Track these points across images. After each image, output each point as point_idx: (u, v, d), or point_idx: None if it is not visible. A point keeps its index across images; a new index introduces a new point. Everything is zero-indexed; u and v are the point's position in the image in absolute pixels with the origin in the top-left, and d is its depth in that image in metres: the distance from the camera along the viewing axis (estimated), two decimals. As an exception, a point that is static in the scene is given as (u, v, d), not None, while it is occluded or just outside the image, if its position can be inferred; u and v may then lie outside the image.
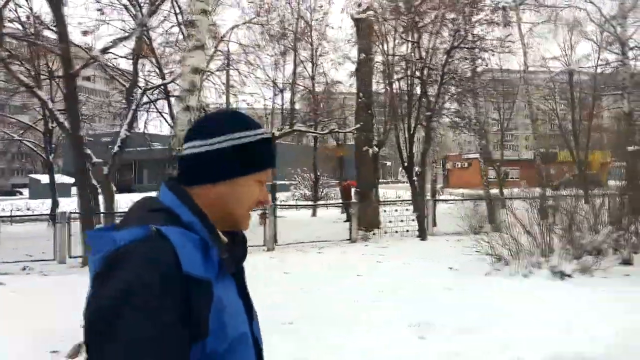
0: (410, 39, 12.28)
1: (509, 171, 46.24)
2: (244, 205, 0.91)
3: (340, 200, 18.41)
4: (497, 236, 7.24)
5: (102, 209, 11.63)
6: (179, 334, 0.73)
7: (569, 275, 6.25)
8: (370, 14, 12.10)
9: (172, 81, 13.96)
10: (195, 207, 0.85)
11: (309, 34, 18.72)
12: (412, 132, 16.07)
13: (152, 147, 18.25)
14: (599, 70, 21.64)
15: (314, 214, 18.91)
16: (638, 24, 18.70)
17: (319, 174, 20.74)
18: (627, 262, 7.23)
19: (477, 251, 7.00)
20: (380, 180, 20.53)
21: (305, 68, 19.31)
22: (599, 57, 21.34)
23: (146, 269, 0.72)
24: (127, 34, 10.48)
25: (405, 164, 16.34)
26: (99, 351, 0.70)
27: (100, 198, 11.94)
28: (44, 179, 28.97)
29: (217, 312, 0.78)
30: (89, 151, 13.48)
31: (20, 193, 46.16)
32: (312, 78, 19.00)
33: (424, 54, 12.21)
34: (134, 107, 12.61)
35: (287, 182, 28.45)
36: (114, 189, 14.27)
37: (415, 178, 14.32)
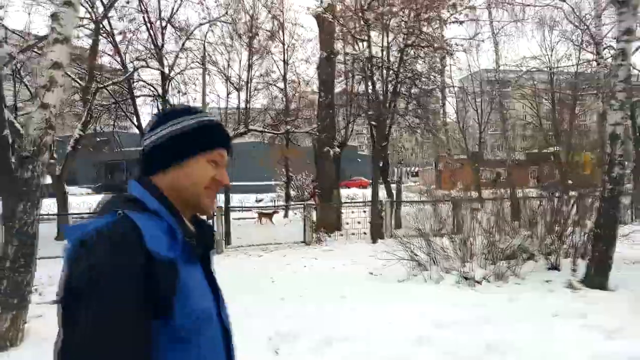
0: (360, 36, 11.98)
1: (501, 172, 46.05)
2: (197, 184, 0.96)
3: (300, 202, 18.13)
4: (421, 240, 6.97)
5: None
6: (141, 309, 0.77)
7: (478, 282, 5.97)
8: (322, 11, 11.82)
9: (122, 80, 13.74)
10: (159, 194, 0.92)
11: (280, 32, 18.49)
12: (387, 132, 15.85)
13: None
14: (576, 70, 21.39)
15: (285, 216, 18.69)
16: (612, 23, 18.39)
17: (290, 174, 20.47)
18: (555, 267, 6.94)
19: (401, 258, 6.72)
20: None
21: (278, 68, 19.09)
22: (579, 57, 21.04)
23: (112, 247, 0.78)
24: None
25: (381, 164, 16.18)
26: (70, 324, 0.76)
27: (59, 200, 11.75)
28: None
29: (180, 289, 0.83)
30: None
31: None
32: (284, 78, 18.77)
33: (379, 52, 11.91)
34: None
35: (273, 183, 28.28)
36: (67, 190, 14.12)
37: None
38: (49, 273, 7.65)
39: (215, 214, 11.09)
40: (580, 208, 11.86)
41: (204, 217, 1.08)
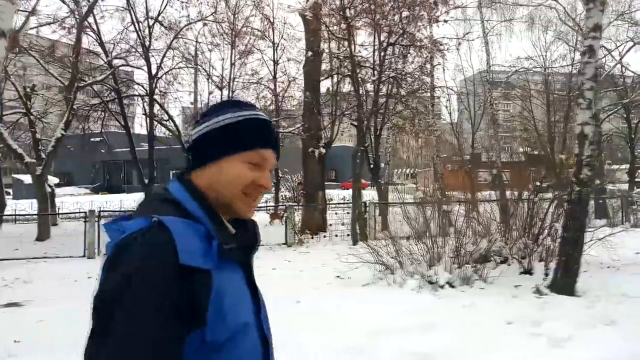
0: (341, 35, 11.81)
1: (499, 174, 45.76)
2: (232, 187, 0.89)
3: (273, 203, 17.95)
4: (391, 243, 6.78)
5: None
6: (172, 322, 0.74)
7: (442, 286, 5.78)
8: (302, 9, 11.65)
9: (103, 79, 13.62)
10: (198, 195, 0.88)
11: (270, 31, 18.36)
12: (377, 133, 15.66)
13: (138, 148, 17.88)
14: (570, 71, 21.15)
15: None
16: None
17: (280, 175, 20.33)
18: (527, 272, 6.74)
19: (366, 261, 6.54)
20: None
21: (267, 67, 18.98)
22: (573, 58, 20.79)
23: (143, 260, 0.75)
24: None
25: (372, 165, 16.00)
26: (101, 333, 0.73)
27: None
28: (27, 179, 28.73)
29: (216, 302, 0.79)
30: (20, 150, 13.20)
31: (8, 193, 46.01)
32: (274, 77, 18.63)
33: (360, 51, 11.73)
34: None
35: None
36: (50, 189, 14.01)
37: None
38: (21, 274, 7.57)
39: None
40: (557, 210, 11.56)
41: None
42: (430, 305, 4.99)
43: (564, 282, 5.58)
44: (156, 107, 16.23)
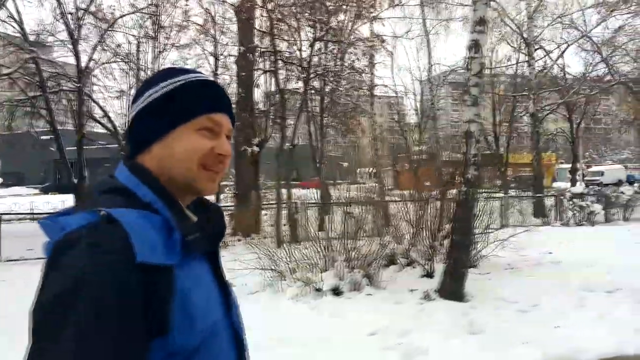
0: (265, 29, 11.41)
1: (455, 172, 46.52)
2: (188, 162, 0.76)
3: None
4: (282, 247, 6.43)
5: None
6: (131, 331, 0.62)
7: (325, 293, 5.45)
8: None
9: (11, 73, 12.74)
10: (153, 182, 0.75)
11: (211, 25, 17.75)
12: (321, 130, 15.34)
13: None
14: (515, 71, 21.51)
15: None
16: (544, 25, 18.49)
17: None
18: (429, 275, 6.51)
19: (253, 267, 6.14)
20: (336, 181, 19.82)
21: (208, 62, 18.37)
22: (518, 59, 21.12)
23: (92, 259, 0.62)
24: None
25: (318, 164, 15.67)
26: (43, 354, 0.60)
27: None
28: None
29: (181, 303, 0.68)
30: None
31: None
32: (215, 73, 18.04)
33: (289, 47, 11.35)
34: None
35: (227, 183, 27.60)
36: None
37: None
38: None
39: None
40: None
41: (210, 198, 0.88)
42: (296, 315, 4.65)
43: (452, 286, 5.36)
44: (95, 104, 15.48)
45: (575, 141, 23.74)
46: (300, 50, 11.27)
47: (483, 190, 7.91)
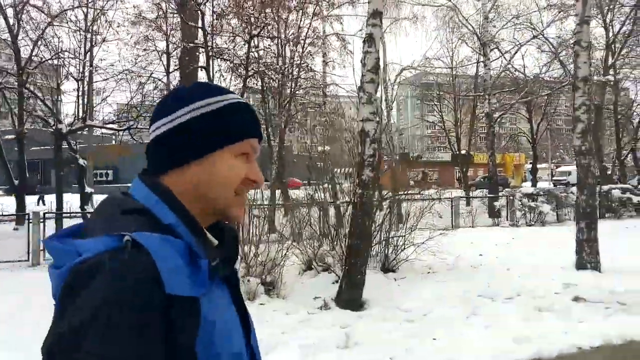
0: (198, 25, 11.02)
1: (428, 173, 46.79)
2: (225, 186, 0.74)
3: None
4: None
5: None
6: None
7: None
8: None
9: None
10: (176, 204, 0.70)
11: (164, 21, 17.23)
12: (282, 128, 14.96)
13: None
14: (476, 72, 21.53)
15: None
16: (499, 25, 18.52)
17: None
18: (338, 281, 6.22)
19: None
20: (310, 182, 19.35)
21: (161, 60, 17.84)
22: (478, 59, 21.13)
23: (117, 290, 0.58)
24: None
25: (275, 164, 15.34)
26: None
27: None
28: None
29: (205, 335, 0.65)
30: None
31: None
32: (168, 72, 17.52)
33: (227, 43, 10.97)
34: None
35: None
36: None
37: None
38: None
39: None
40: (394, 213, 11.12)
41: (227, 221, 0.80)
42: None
43: (349, 294, 5.07)
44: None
45: (536, 141, 23.91)
46: (238, 46, 10.88)
47: (403, 193, 7.60)
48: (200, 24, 12.66)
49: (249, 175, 0.76)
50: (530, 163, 55.15)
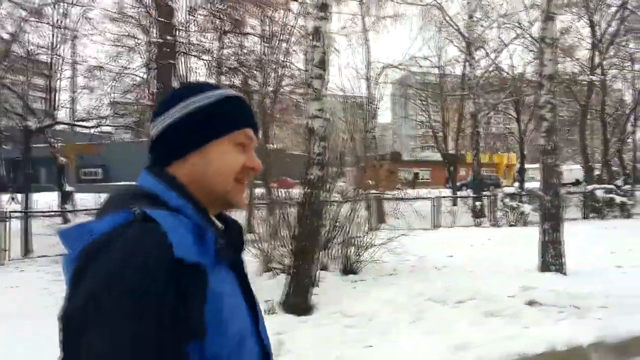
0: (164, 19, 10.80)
1: (419, 172, 46.70)
2: (225, 175, 0.79)
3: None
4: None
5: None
6: (174, 335, 0.62)
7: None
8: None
9: None
10: (183, 189, 0.76)
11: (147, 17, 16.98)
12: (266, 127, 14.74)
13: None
14: (463, 71, 21.37)
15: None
16: (484, 25, 18.36)
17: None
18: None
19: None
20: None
21: (141, 55, 17.59)
22: (465, 58, 20.96)
23: (129, 255, 0.62)
24: None
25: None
26: (75, 353, 0.59)
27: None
28: None
29: (214, 306, 0.67)
30: None
31: None
32: (148, 67, 17.27)
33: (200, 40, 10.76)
34: None
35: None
36: None
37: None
38: None
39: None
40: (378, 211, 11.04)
41: (230, 213, 0.87)
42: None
43: (295, 298, 4.88)
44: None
45: (524, 141, 23.80)
46: (211, 43, 10.67)
47: (373, 192, 7.41)
48: (176, 19, 12.47)
49: (247, 162, 0.80)
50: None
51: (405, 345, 3.80)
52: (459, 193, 21.88)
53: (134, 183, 0.78)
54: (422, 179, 45.40)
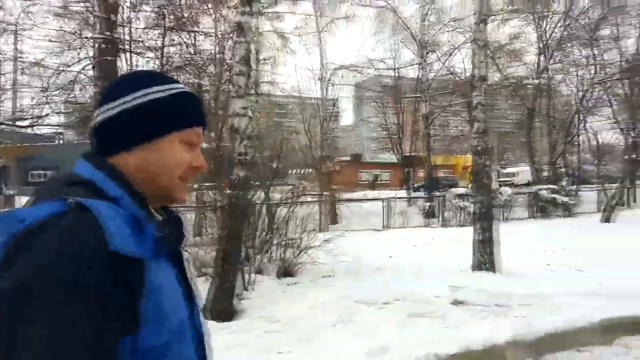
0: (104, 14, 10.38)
1: (379, 174, 47.26)
2: (170, 171, 0.78)
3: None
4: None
5: None
6: (105, 326, 0.60)
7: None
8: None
9: None
10: (121, 178, 0.74)
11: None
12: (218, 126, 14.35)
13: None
14: (418, 74, 21.72)
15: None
16: (438, 27, 18.73)
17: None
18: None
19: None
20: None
21: (87, 53, 16.85)
22: (420, 63, 21.30)
23: (63, 246, 0.60)
24: None
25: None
26: (10, 340, 0.56)
27: None
28: None
29: (152, 298, 0.66)
30: None
31: None
32: (93, 66, 16.54)
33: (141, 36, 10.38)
34: None
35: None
36: None
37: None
38: None
39: None
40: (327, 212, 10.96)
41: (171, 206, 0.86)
42: None
43: (219, 304, 4.70)
44: None
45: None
46: (153, 39, 10.32)
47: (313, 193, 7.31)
48: (121, 15, 12.00)
49: (193, 162, 0.79)
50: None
51: (325, 350, 3.70)
52: (413, 194, 22.21)
53: (70, 170, 0.75)
54: (381, 181, 45.94)
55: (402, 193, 22.44)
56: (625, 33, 18.07)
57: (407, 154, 24.14)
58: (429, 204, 15.11)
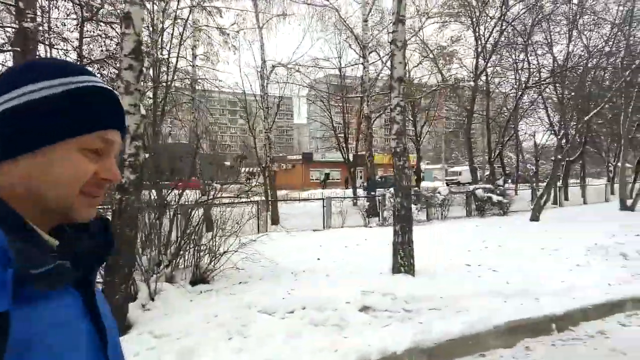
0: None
1: (329, 172, 47.40)
2: (65, 185, 0.64)
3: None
4: None
5: None
6: None
7: None
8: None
9: None
10: None
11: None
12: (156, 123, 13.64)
13: None
14: (362, 74, 21.82)
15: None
16: (379, 28, 18.87)
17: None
18: (132, 297, 5.43)
19: None
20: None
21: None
22: (364, 64, 21.38)
23: None
24: None
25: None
26: None
27: None
28: None
29: (14, 357, 0.55)
30: None
31: None
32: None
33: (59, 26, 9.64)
34: None
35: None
36: None
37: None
38: None
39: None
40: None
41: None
42: None
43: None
44: None
45: (420, 143, 24.90)
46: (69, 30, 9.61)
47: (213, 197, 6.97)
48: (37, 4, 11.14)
49: (99, 172, 0.66)
50: (427, 163, 57.98)
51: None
52: (360, 194, 22.31)
53: None
54: (333, 179, 46.11)
55: (349, 192, 22.51)
56: (557, 40, 18.94)
57: (353, 153, 24.28)
58: (368, 203, 15.14)
